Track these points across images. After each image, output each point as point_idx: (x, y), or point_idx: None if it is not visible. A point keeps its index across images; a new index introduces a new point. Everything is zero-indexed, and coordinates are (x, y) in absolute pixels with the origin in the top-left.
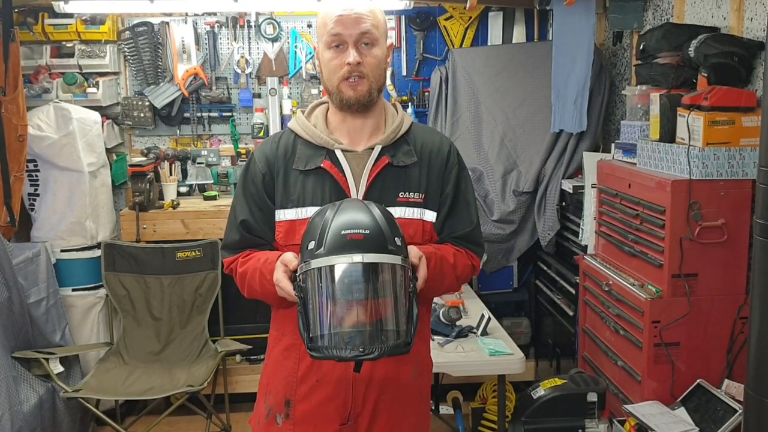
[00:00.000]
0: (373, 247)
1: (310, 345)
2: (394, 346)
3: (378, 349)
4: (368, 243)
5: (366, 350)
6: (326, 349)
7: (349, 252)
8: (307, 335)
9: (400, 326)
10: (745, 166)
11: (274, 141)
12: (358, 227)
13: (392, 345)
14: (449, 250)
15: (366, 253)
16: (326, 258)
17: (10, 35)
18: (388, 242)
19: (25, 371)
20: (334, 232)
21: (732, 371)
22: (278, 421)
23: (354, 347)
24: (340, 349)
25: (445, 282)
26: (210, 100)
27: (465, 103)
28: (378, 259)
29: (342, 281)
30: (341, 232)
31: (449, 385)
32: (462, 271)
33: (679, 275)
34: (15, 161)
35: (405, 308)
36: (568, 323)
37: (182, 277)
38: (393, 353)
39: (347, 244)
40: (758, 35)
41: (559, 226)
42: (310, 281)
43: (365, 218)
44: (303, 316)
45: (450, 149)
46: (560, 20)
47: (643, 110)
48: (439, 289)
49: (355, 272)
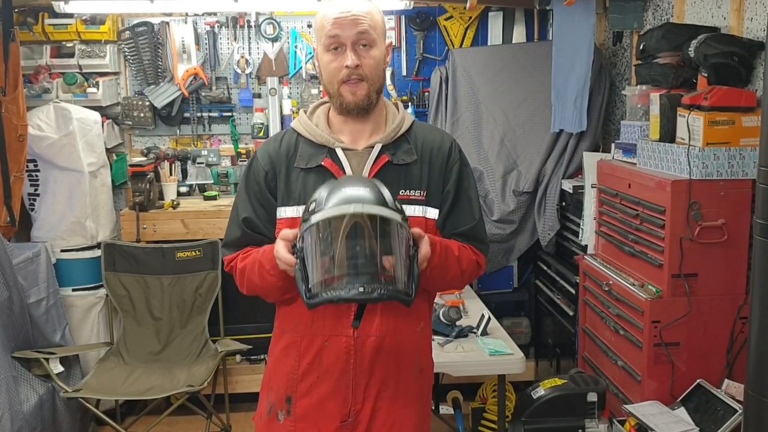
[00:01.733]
0: (374, 202)
1: (308, 295)
2: (395, 290)
3: (378, 291)
4: (368, 199)
5: (366, 289)
6: (326, 291)
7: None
8: (305, 287)
9: (401, 277)
10: (745, 166)
11: (276, 140)
12: (359, 185)
13: (393, 289)
14: (454, 243)
15: (366, 204)
16: (326, 211)
17: (10, 35)
18: (387, 203)
19: (25, 371)
20: (334, 192)
21: (732, 371)
22: (279, 417)
23: (354, 288)
24: (340, 290)
25: (449, 272)
26: (210, 100)
27: (465, 103)
28: (377, 211)
29: (343, 230)
30: (341, 189)
31: (449, 385)
32: (467, 265)
33: (679, 275)
34: (15, 161)
35: (405, 264)
36: (568, 323)
37: (182, 277)
38: (394, 297)
39: (347, 200)
40: (758, 35)
41: (559, 226)
42: (310, 237)
43: (365, 182)
44: (302, 273)
45: (451, 146)
46: (560, 20)
47: (643, 110)
48: (444, 278)
49: (356, 223)
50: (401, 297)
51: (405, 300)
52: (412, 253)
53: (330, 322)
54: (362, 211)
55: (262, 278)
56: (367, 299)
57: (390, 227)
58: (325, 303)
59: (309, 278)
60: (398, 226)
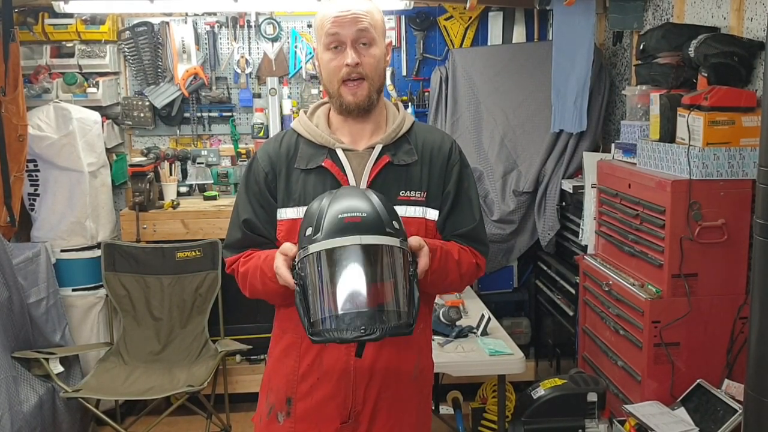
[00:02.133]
0: (371, 229)
1: (311, 330)
2: (396, 326)
3: (380, 329)
4: (366, 226)
5: (367, 330)
6: (327, 332)
7: (346, 235)
8: (307, 321)
9: (402, 307)
10: (745, 166)
11: (276, 140)
12: (355, 211)
13: (394, 325)
14: (454, 246)
15: (364, 235)
16: (324, 242)
17: (10, 35)
18: (386, 225)
19: (25, 371)
20: (331, 216)
21: (732, 371)
22: (279, 419)
23: (355, 328)
24: (342, 331)
25: (448, 277)
26: (210, 100)
27: (465, 103)
28: (376, 240)
29: (341, 264)
30: (338, 216)
31: (449, 385)
32: (467, 269)
33: (679, 275)
34: (15, 161)
35: (406, 290)
36: (568, 323)
37: (182, 277)
38: (395, 333)
39: (345, 228)
40: (758, 35)
41: (559, 226)
42: (308, 267)
43: (362, 203)
44: (303, 303)
45: (452, 147)
46: (560, 20)
47: (643, 110)
48: (443, 283)
49: (354, 254)
50: (402, 331)
51: (406, 332)
52: (411, 273)
53: None
54: (360, 243)
55: (264, 285)
56: (369, 339)
57: (389, 255)
58: (328, 342)
59: (309, 308)
60: (398, 251)
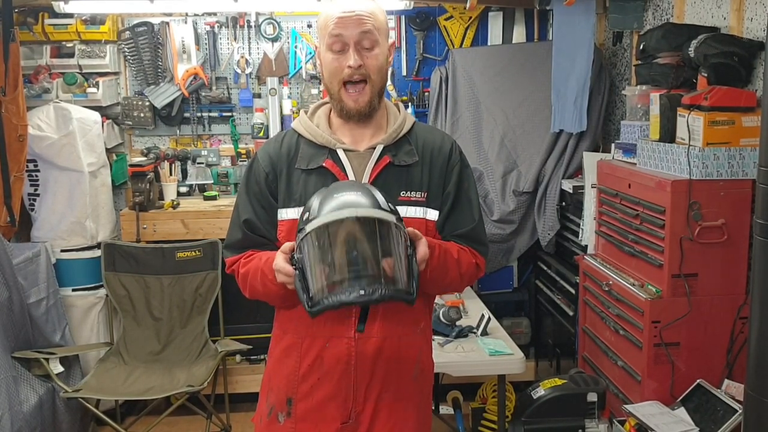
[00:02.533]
0: (366, 206)
1: (310, 303)
2: (397, 290)
3: (380, 292)
4: (361, 203)
5: (367, 292)
6: (327, 299)
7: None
8: (306, 296)
9: (401, 277)
10: (745, 166)
11: (277, 140)
12: (350, 190)
13: (395, 289)
14: (453, 246)
15: (359, 209)
16: (320, 218)
17: (10, 35)
18: (381, 205)
19: (25, 371)
20: (327, 199)
21: (732, 371)
22: (280, 419)
23: (355, 291)
24: (342, 294)
25: (448, 275)
26: (210, 100)
27: (465, 103)
28: (372, 213)
29: (339, 236)
30: (333, 196)
31: (449, 385)
32: (466, 268)
33: (679, 275)
34: (15, 161)
35: (404, 264)
36: (568, 323)
37: (182, 277)
38: (397, 297)
39: (340, 206)
40: (758, 35)
41: (559, 226)
42: (307, 245)
43: (356, 186)
44: (302, 282)
45: (452, 147)
46: (560, 20)
47: (643, 110)
48: (443, 281)
49: (352, 226)
50: (403, 296)
51: (407, 299)
52: (410, 253)
53: (331, 324)
54: (356, 215)
55: (264, 286)
56: (369, 301)
57: (385, 229)
58: (327, 309)
59: (309, 287)
60: (394, 227)
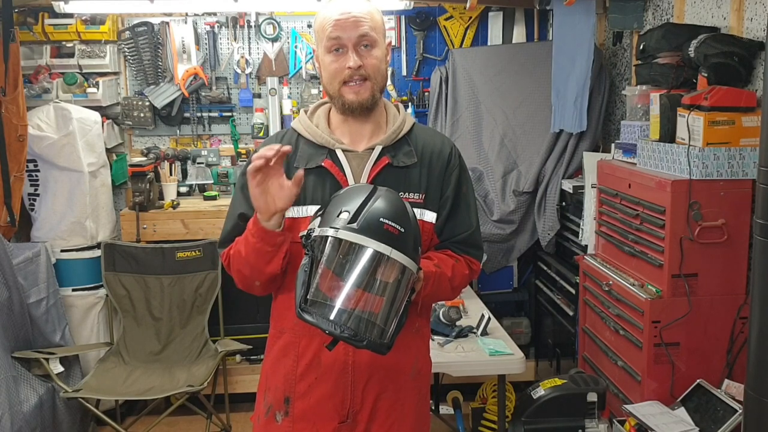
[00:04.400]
0: (403, 247)
1: (302, 306)
2: (378, 343)
3: (365, 338)
4: (401, 241)
5: (353, 334)
6: (318, 317)
7: (381, 241)
8: (303, 294)
9: (388, 327)
10: (745, 166)
11: (276, 139)
12: (397, 221)
13: (375, 341)
14: (448, 263)
15: (395, 250)
16: (358, 236)
17: (10, 35)
18: (414, 248)
19: (25, 371)
20: (373, 214)
21: (732, 371)
22: (277, 418)
23: (345, 327)
24: (332, 323)
25: (439, 296)
26: (210, 100)
27: (465, 103)
28: (404, 260)
29: (362, 264)
30: (379, 218)
31: (449, 385)
32: (459, 281)
33: (679, 275)
34: (15, 161)
35: (398, 314)
36: (568, 323)
37: (182, 277)
38: (373, 348)
39: (382, 233)
40: (758, 35)
41: (559, 226)
42: (331, 247)
43: (404, 216)
44: (306, 276)
45: (451, 151)
46: (560, 20)
47: (643, 110)
48: (433, 301)
49: (378, 261)
50: (379, 349)
51: (381, 352)
52: (408, 298)
53: None
54: (389, 256)
55: (246, 244)
56: (352, 343)
57: (404, 276)
58: (309, 324)
59: (310, 285)
60: (411, 275)
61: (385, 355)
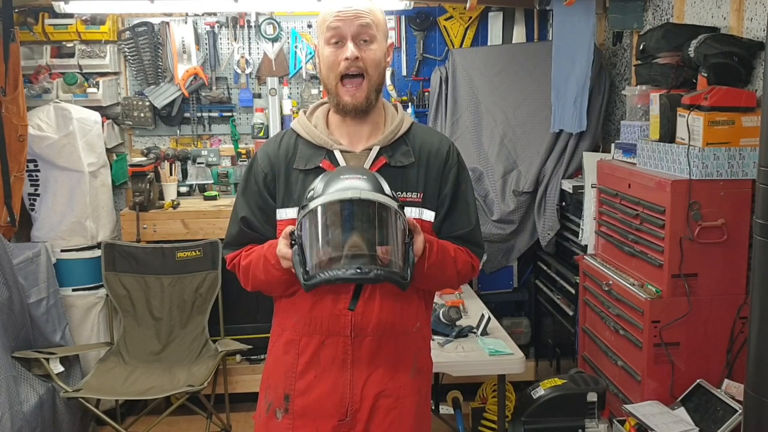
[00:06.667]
0: (370, 188)
1: (306, 278)
2: (391, 272)
3: (375, 271)
4: (365, 187)
5: (363, 270)
6: (324, 272)
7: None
8: (303, 269)
9: (396, 261)
10: (745, 166)
11: (276, 141)
12: (356, 174)
13: (389, 271)
14: (450, 245)
15: (363, 191)
16: (324, 196)
17: (11, 35)
18: (385, 191)
19: (25, 371)
20: (332, 181)
21: (732, 371)
22: (278, 415)
23: (352, 268)
24: (337, 270)
25: (446, 272)
26: (210, 100)
27: (465, 103)
28: (374, 197)
29: (341, 215)
30: (339, 178)
31: (449, 385)
32: (462, 266)
33: (679, 275)
34: (15, 161)
35: (401, 250)
36: (568, 323)
37: (182, 277)
38: (391, 279)
39: (345, 187)
40: (758, 35)
41: (559, 226)
42: (308, 222)
43: (362, 172)
44: (300, 257)
45: (449, 149)
46: (560, 20)
47: (643, 110)
48: (441, 277)
49: (354, 207)
50: (397, 279)
51: (401, 282)
52: (407, 241)
53: (328, 322)
54: (360, 197)
55: (267, 272)
56: (364, 279)
57: (386, 214)
58: (322, 283)
59: (306, 262)
60: (395, 213)
61: (406, 288)
